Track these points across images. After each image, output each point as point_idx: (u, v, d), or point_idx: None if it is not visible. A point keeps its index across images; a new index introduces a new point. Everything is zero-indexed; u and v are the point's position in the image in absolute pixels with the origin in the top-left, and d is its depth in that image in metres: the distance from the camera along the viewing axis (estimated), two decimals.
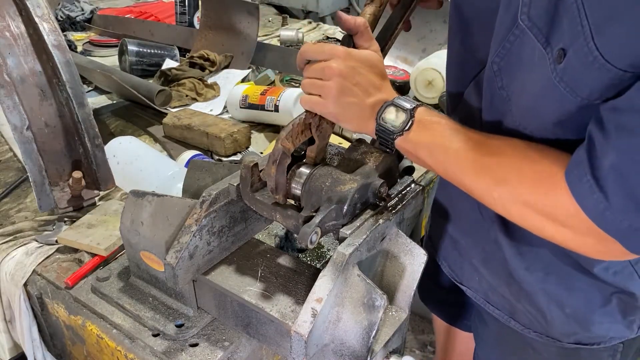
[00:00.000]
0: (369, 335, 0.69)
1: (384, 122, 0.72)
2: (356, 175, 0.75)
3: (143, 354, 0.79)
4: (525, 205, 0.63)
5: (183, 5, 2.15)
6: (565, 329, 0.82)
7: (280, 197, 0.74)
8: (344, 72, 0.71)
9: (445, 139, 0.69)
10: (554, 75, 0.59)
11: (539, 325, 0.85)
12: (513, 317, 0.88)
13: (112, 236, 0.97)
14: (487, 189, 0.67)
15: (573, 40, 0.55)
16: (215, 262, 0.81)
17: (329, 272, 0.67)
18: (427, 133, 0.71)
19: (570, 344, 0.84)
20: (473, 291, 0.93)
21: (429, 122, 0.71)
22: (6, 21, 0.97)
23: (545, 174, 0.62)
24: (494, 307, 0.90)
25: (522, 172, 0.64)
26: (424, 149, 0.71)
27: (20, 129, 0.98)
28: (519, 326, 0.87)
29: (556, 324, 0.82)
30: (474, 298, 0.94)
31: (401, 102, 0.72)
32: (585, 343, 0.83)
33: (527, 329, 0.87)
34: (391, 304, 0.78)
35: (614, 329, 0.81)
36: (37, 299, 0.95)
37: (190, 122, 1.40)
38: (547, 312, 0.82)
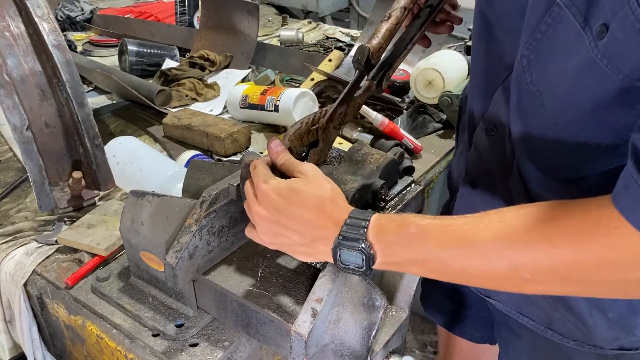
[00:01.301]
0: (369, 335, 0.69)
1: (346, 266, 0.62)
2: (357, 176, 0.75)
3: (143, 354, 0.79)
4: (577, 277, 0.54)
5: (183, 5, 2.15)
6: (608, 334, 0.80)
7: None
8: (269, 217, 0.64)
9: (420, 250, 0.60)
10: (595, 53, 0.55)
11: (579, 334, 0.82)
12: (550, 327, 0.84)
13: (112, 236, 0.97)
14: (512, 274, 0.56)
15: (616, 12, 0.52)
16: (215, 262, 0.81)
17: (329, 272, 0.67)
18: (402, 253, 0.61)
19: (613, 350, 0.81)
20: (503, 304, 0.89)
21: (395, 239, 0.61)
22: (6, 21, 0.97)
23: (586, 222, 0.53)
24: (528, 318, 0.87)
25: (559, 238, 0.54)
26: (411, 265, 0.62)
27: (20, 129, 0.98)
28: (556, 336, 0.84)
29: (598, 330, 0.79)
30: (504, 311, 0.90)
31: (349, 234, 0.61)
32: (628, 348, 0.81)
33: (566, 338, 0.83)
34: (391, 304, 0.78)
35: None
36: (37, 299, 0.95)
37: (190, 122, 1.40)
38: (589, 319, 0.78)
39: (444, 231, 0.59)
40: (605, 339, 0.80)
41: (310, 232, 0.63)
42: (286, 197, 0.63)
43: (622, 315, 0.78)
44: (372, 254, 0.60)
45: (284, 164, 0.68)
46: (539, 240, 0.54)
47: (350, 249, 0.60)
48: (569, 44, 0.59)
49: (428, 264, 0.60)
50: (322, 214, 0.63)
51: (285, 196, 0.63)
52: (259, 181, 0.65)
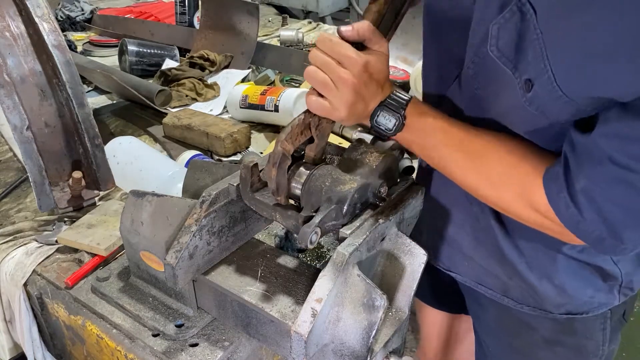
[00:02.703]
0: (369, 335, 0.69)
1: (377, 125, 0.76)
2: (356, 176, 0.75)
3: (143, 354, 0.79)
4: (515, 202, 0.71)
5: (183, 5, 2.15)
6: (555, 300, 0.86)
7: (282, 198, 0.75)
8: (356, 85, 0.73)
9: (433, 137, 0.75)
10: (523, 100, 0.65)
11: (531, 299, 0.88)
12: (506, 295, 0.91)
13: (112, 236, 0.97)
14: (474, 186, 0.75)
15: (538, 75, 0.61)
16: (215, 262, 0.81)
17: (329, 272, 0.67)
18: (416, 133, 0.76)
19: (562, 314, 0.87)
20: (463, 276, 0.96)
21: (418, 121, 0.75)
22: (6, 21, 0.97)
23: (530, 175, 0.68)
24: (486, 288, 0.93)
25: (508, 172, 0.71)
26: (415, 145, 0.78)
27: (20, 129, 0.98)
28: (512, 303, 0.90)
29: (547, 296, 0.86)
30: (465, 283, 0.96)
31: (392, 105, 0.75)
32: (574, 312, 0.87)
33: (520, 304, 0.90)
34: (391, 304, 0.78)
35: (597, 296, 0.85)
36: (37, 299, 0.95)
37: (190, 122, 1.40)
38: (538, 286, 0.86)
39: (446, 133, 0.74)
40: (553, 304, 0.87)
41: (375, 99, 0.75)
42: (374, 71, 0.73)
43: (565, 281, 0.85)
44: (404, 122, 0.75)
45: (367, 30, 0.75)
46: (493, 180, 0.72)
47: (389, 113, 0.75)
48: (505, 78, 0.67)
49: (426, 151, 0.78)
50: (387, 83, 0.76)
51: (374, 71, 0.73)
52: (347, 50, 0.72)
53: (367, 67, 0.73)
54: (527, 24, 0.60)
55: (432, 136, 0.75)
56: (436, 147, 0.76)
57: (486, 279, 0.92)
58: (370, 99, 0.75)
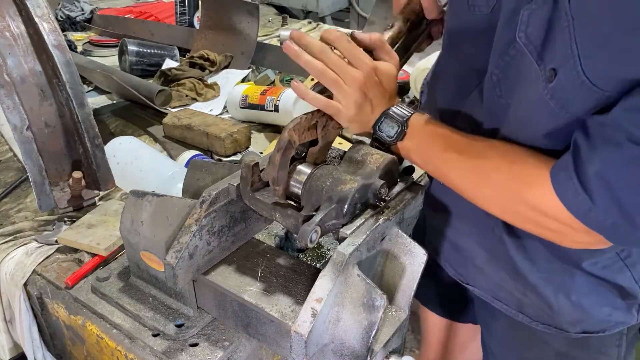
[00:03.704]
0: (369, 335, 0.69)
1: (380, 132, 0.79)
2: (357, 176, 0.75)
3: (143, 354, 0.79)
4: (513, 201, 0.69)
5: (183, 5, 2.15)
6: (571, 317, 0.84)
7: (280, 190, 0.74)
8: (367, 86, 0.75)
9: (433, 144, 0.76)
10: (545, 92, 0.63)
11: (546, 317, 0.87)
12: (521, 311, 0.89)
13: (112, 236, 0.97)
14: (475, 189, 0.74)
15: (564, 62, 0.60)
16: (215, 262, 0.81)
17: (329, 272, 0.67)
18: (417, 141, 0.78)
19: (577, 333, 0.86)
20: (480, 289, 0.94)
21: (419, 130, 0.77)
22: (6, 21, 0.97)
23: (531, 172, 0.67)
24: (501, 302, 0.92)
25: (507, 171, 0.69)
26: (414, 153, 0.79)
27: (20, 129, 0.98)
28: (527, 319, 0.89)
29: (563, 313, 0.84)
30: (481, 296, 0.95)
31: (396, 113, 0.78)
32: (591, 331, 0.85)
33: (535, 321, 0.88)
34: (391, 304, 0.78)
35: (615, 314, 0.83)
36: (37, 299, 0.95)
37: (190, 122, 1.40)
38: (554, 302, 0.84)
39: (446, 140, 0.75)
40: (569, 321, 0.85)
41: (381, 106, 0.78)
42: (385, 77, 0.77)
43: (583, 298, 0.83)
44: (405, 131, 0.77)
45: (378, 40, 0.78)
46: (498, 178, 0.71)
47: (392, 121, 0.78)
48: (529, 76, 0.66)
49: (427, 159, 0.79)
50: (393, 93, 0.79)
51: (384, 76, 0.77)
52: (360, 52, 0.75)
53: (377, 72, 0.76)
54: (559, 11, 0.59)
55: (432, 143, 0.77)
56: (435, 154, 0.77)
57: (501, 294, 0.91)
58: (377, 104, 0.78)
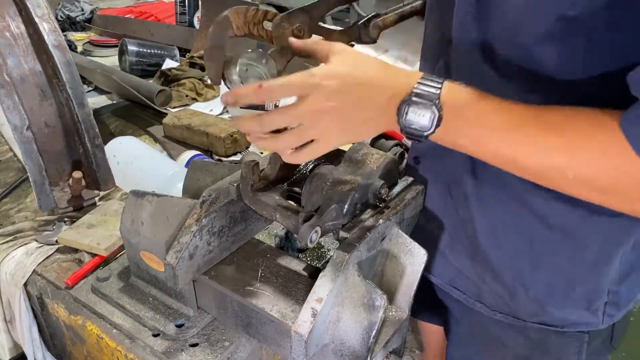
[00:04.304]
0: (369, 335, 0.69)
1: (409, 125, 0.60)
2: (357, 176, 0.75)
3: (143, 354, 0.79)
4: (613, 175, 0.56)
5: (183, 5, 2.15)
6: (528, 308, 0.83)
7: (213, 70, 0.65)
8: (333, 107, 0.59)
9: (492, 122, 0.59)
10: None
11: (504, 305, 0.85)
12: (479, 300, 0.88)
13: (112, 236, 0.97)
14: (562, 166, 0.58)
15: None
16: (215, 262, 0.81)
17: (329, 272, 0.67)
18: (462, 122, 0.60)
19: (534, 323, 0.84)
20: (439, 278, 0.93)
21: (460, 108, 0.60)
22: (6, 21, 0.97)
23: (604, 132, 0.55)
24: (460, 291, 0.91)
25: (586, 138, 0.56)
26: (464, 139, 0.62)
27: (20, 129, 0.98)
28: (485, 309, 0.88)
29: (520, 303, 0.83)
30: (440, 285, 0.94)
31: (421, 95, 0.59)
32: (549, 324, 0.84)
33: (493, 310, 0.87)
34: (391, 304, 0.78)
35: (576, 314, 0.82)
36: (37, 299, 0.95)
37: (190, 122, 1.40)
38: (512, 289, 0.82)
39: (506, 114, 0.59)
40: (526, 312, 0.84)
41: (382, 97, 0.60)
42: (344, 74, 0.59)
43: (540, 294, 0.80)
44: (442, 116, 0.59)
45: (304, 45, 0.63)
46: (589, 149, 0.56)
47: (420, 107, 0.58)
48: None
49: (480, 140, 0.60)
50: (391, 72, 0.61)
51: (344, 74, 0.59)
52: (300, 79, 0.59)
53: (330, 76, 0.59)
54: None
55: (489, 121, 0.59)
56: (498, 134, 0.59)
57: (460, 281, 0.90)
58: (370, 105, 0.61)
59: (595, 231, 0.75)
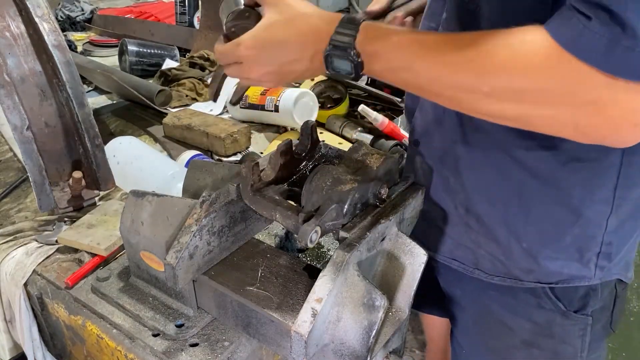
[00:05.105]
0: (369, 335, 0.69)
1: (337, 72, 0.67)
2: (357, 176, 0.75)
3: (143, 354, 0.80)
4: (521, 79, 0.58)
5: (183, 5, 2.15)
6: (523, 264, 0.85)
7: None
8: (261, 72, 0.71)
9: (407, 55, 0.64)
10: None
11: (501, 266, 0.87)
12: (477, 267, 0.90)
13: (112, 236, 0.97)
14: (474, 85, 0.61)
15: None
16: (215, 262, 0.81)
17: (329, 272, 0.67)
18: (385, 60, 0.65)
19: (530, 282, 0.86)
20: (440, 254, 0.95)
21: (380, 47, 0.65)
22: (6, 21, 0.97)
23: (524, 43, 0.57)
24: (458, 262, 0.92)
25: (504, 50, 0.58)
26: (387, 73, 0.67)
27: (20, 129, 0.98)
28: (482, 275, 0.89)
29: (515, 258, 0.84)
30: (440, 260, 0.95)
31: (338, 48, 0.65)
32: (544, 282, 0.85)
33: (490, 275, 0.88)
34: (391, 304, 0.78)
35: (568, 266, 0.83)
36: (37, 299, 0.95)
37: (190, 122, 1.40)
38: (506, 245, 0.84)
39: (420, 44, 0.64)
40: (521, 269, 0.85)
41: (305, 54, 0.68)
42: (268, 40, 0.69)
43: (533, 244, 0.82)
44: (360, 61, 0.65)
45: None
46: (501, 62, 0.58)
47: (340, 57, 0.65)
48: None
49: (404, 74, 0.66)
50: (313, 24, 0.68)
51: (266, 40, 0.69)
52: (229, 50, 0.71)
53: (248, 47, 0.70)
54: None
55: (404, 54, 0.64)
56: (414, 63, 0.64)
57: (457, 252, 0.92)
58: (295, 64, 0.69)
59: (575, 176, 0.77)
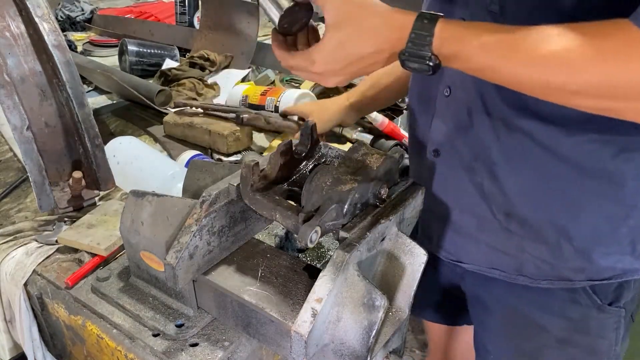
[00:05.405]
0: (369, 335, 0.69)
1: (414, 69, 0.66)
2: (357, 176, 0.75)
3: (143, 354, 0.80)
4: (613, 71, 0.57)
5: (183, 5, 2.15)
6: (574, 263, 0.82)
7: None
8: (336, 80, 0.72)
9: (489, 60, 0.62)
10: None
11: (548, 269, 0.83)
12: (520, 273, 0.86)
13: (112, 236, 0.97)
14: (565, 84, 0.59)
15: None
16: (215, 262, 0.81)
17: (329, 272, 0.67)
18: (464, 63, 0.64)
19: (582, 281, 0.83)
20: (474, 263, 0.91)
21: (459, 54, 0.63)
22: (6, 21, 0.97)
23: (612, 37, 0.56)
24: (498, 270, 0.89)
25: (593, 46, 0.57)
26: (469, 71, 0.66)
27: (20, 129, 0.98)
28: (527, 280, 0.86)
29: (566, 258, 0.81)
30: (477, 271, 0.92)
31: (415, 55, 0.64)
32: (596, 279, 0.82)
33: (536, 279, 0.85)
34: (391, 304, 0.78)
35: (622, 260, 0.81)
36: (37, 299, 0.95)
37: (192, 119, 1.40)
38: (556, 246, 0.81)
39: (505, 45, 0.61)
40: (572, 268, 0.82)
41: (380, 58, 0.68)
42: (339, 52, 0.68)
43: (586, 242, 0.80)
44: (438, 63, 0.64)
45: None
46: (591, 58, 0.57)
47: (417, 63, 0.65)
48: None
49: (486, 72, 0.64)
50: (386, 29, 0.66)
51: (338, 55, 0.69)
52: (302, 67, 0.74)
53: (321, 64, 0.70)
54: None
55: (488, 57, 0.62)
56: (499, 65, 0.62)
57: (496, 259, 0.88)
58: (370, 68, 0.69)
59: (627, 166, 0.74)
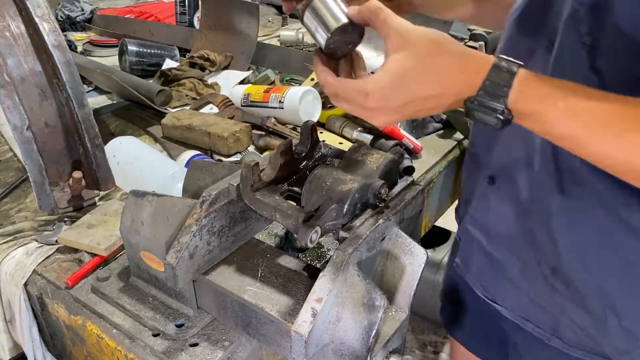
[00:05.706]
0: (369, 335, 0.69)
1: (478, 120, 0.59)
2: (357, 176, 0.75)
3: (143, 354, 0.79)
4: None
5: (183, 5, 2.15)
6: (618, 343, 0.73)
7: None
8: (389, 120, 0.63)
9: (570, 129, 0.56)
10: None
11: (587, 340, 0.75)
12: (556, 334, 0.79)
13: (112, 236, 0.97)
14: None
15: None
16: (215, 262, 0.81)
17: (329, 272, 0.67)
18: (540, 125, 0.57)
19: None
20: (510, 310, 0.85)
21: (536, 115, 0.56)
22: (6, 21, 0.97)
23: None
24: (533, 324, 0.82)
25: None
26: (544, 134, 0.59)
27: (20, 129, 0.98)
28: (562, 344, 0.78)
29: (610, 334, 0.73)
30: (510, 317, 0.85)
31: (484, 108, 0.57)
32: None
33: (572, 347, 0.78)
34: (391, 304, 0.78)
35: None
36: (37, 299, 0.95)
37: (190, 122, 1.40)
38: (601, 318, 0.73)
39: (592, 116, 0.54)
40: (616, 347, 0.74)
41: (442, 104, 0.59)
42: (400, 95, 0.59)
43: (635, 323, 0.72)
44: (510, 118, 0.57)
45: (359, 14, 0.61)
46: None
47: (486, 114, 0.57)
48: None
49: (566, 141, 0.57)
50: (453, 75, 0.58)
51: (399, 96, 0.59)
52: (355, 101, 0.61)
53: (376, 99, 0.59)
54: None
55: (570, 125, 0.55)
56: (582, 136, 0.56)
57: (533, 313, 0.81)
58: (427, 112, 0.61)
59: None
